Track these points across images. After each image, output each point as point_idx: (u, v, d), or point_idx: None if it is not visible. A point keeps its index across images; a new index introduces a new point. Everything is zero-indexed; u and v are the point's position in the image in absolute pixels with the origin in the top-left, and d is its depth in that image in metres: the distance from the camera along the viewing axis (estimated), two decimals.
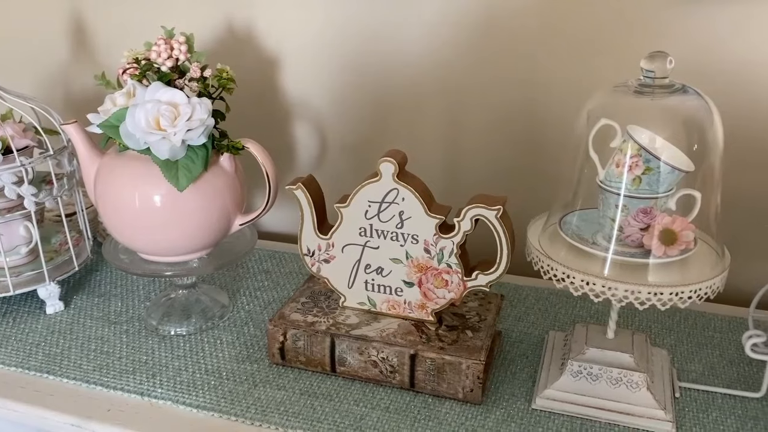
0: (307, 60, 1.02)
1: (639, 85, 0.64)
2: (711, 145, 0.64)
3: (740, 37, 0.83)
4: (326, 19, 0.98)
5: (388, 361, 0.73)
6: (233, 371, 0.77)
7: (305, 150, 1.07)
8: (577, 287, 0.64)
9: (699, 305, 0.87)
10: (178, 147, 0.72)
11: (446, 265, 0.73)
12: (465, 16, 0.92)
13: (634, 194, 0.64)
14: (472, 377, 0.70)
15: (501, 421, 0.69)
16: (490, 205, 0.70)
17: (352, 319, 0.77)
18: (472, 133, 0.98)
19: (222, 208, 0.79)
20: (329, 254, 0.77)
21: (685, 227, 0.64)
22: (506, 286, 0.94)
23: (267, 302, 0.90)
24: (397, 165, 0.71)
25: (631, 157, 0.63)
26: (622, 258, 0.65)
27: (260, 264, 1.00)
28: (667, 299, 0.62)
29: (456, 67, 0.95)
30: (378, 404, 0.71)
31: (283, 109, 1.05)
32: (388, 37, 0.96)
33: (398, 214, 0.73)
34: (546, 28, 0.90)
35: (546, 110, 0.92)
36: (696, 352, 0.80)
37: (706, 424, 0.68)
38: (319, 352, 0.75)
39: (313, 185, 0.76)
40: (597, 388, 0.70)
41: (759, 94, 0.84)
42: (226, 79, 0.79)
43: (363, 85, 1.00)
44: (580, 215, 0.71)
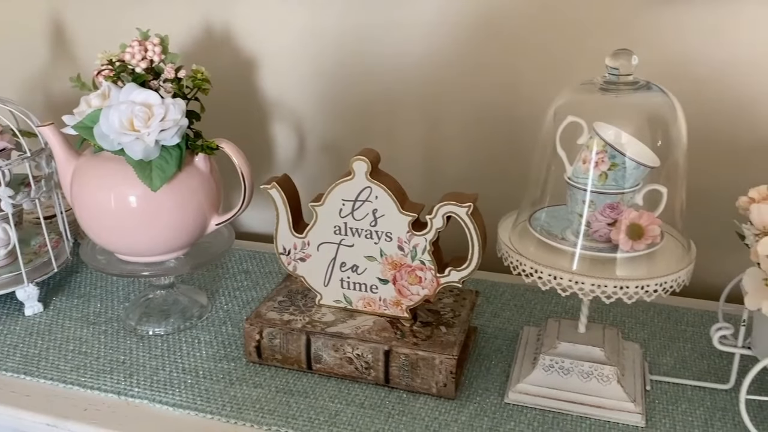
0: (285, 61, 1.02)
1: (604, 83, 0.65)
2: (675, 141, 0.65)
3: (708, 37, 0.85)
4: (304, 21, 0.99)
5: (363, 357, 0.74)
6: (210, 370, 0.77)
7: (284, 150, 1.07)
8: (545, 282, 0.65)
9: (672, 300, 0.89)
10: (152, 147, 0.73)
11: (420, 262, 0.74)
12: (443, 18, 0.93)
13: (601, 190, 0.65)
14: (445, 372, 0.71)
15: (474, 415, 0.70)
16: (461, 203, 0.71)
17: (328, 316, 0.77)
18: (449, 133, 0.99)
19: (197, 208, 0.79)
20: (305, 253, 0.77)
21: (651, 222, 0.65)
22: (483, 282, 0.95)
23: (246, 302, 0.91)
24: (370, 163, 0.72)
25: (597, 153, 0.64)
26: (591, 253, 0.66)
27: (240, 264, 1.00)
28: (633, 293, 0.63)
29: (433, 69, 0.96)
30: (353, 400, 0.72)
31: (261, 109, 1.06)
32: (366, 39, 0.97)
33: (372, 212, 0.73)
34: (521, 31, 0.91)
35: (521, 111, 0.93)
36: (668, 345, 0.81)
37: (675, 416, 0.70)
38: (294, 350, 0.76)
39: (288, 184, 0.77)
40: (568, 382, 0.71)
41: (725, 92, 0.86)
42: (201, 79, 0.79)
43: (341, 85, 1.01)
44: (549, 212, 0.72)
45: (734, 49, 0.84)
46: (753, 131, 0.87)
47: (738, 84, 0.86)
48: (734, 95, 0.86)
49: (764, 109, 0.86)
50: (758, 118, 0.86)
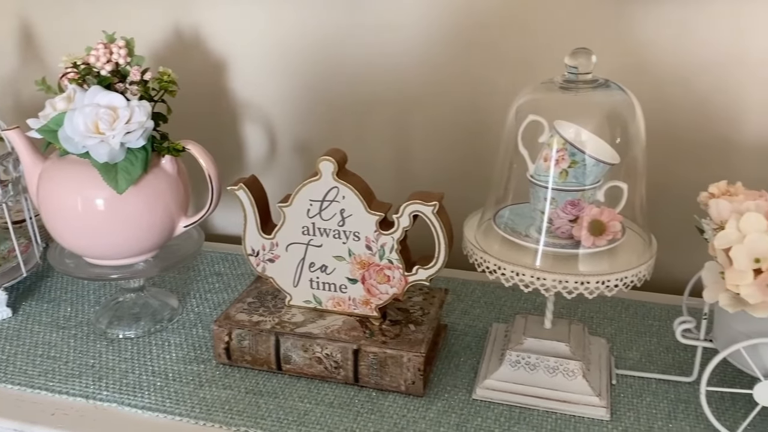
0: (255, 62, 1.02)
1: (564, 81, 0.66)
2: (634, 138, 0.66)
3: (669, 37, 0.86)
4: (274, 23, 0.99)
5: (332, 357, 0.74)
6: (180, 372, 0.77)
7: (255, 151, 1.08)
8: (507, 278, 0.66)
9: (639, 295, 0.91)
10: (117, 150, 0.72)
11: (388, 261, 0.74)
12: (411, 21, 0.94)
13: (562, 187, 0.66)
14: (413, 370, 0.72)
15: (442, 412, 0.71)
16: (427, 201, 0.71)
17: (297, 317, 0.78)
18: (418, 134, 1.00)
19: (165, 210, 0.79)
20: (273, 254, 0.77)
21: (612, 218, 0.66)
22: (454, 281, 0.95)
23: (217, 304, 0.91)
24: (337, 164, 0.72)
25: (558, 151, 0.65)
26: (554, 249, 0.67)
27: (212, 266, 1.00)
28: (593, 288, 0.64)
29: (402, 71, 0.96)
30: (322, 400, 0.72)
31: (232, 111, 1.06)
32: (336, 41, 0.98)
33: (339, 212, 0.74)
34: (488, 34, 0.91)
35: (488, 112, 0.94)
36: (635, 340, 0.83)
37: (639, 409, 0.71)
38: (264, 351, 0.76)
39: (255, 185, 0.77)
40: (535, 377, 0.71)
41: (686, 91, 0.87)
42: (168, 81, 0.79)
43: (312, 87, 1.01)
44: (513, 209, 0.73)
45: (695, 49, 0.86)
46: (714, 129, 0.89)
47: (699, 82, 0.87)
48: (696, 93, 0.88)
49: (724, 106, 0.87)
50: (718, 115, 0.88)
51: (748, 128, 0.88)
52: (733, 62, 0.85)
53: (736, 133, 0.89)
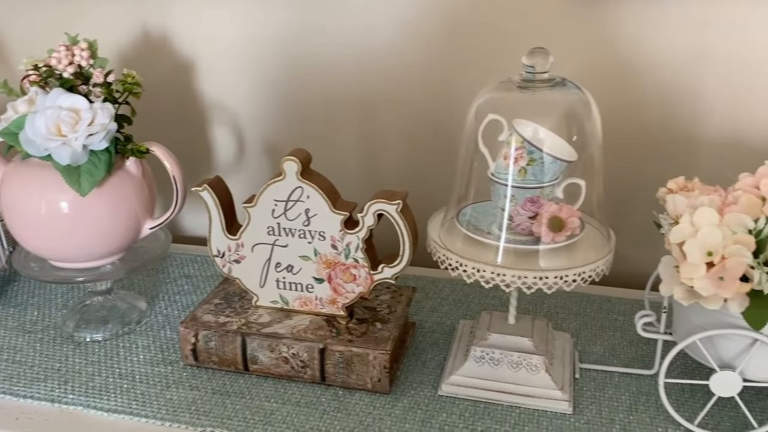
0: (223, 63, 1.02)
1: (522, 81, 0.67)
2: (590, 135, 0.67)
3: (629, 37, 0.88)
4: (241, 23, 1.00)
5: (299, 356, 0.74)
6: (147, 374, 0.77)
7: (224, 152, 1.08)
8: (469, 275, 0.67)
9: (604, 290, 0.92)
10: (80, 152, 0.72)
11: (353, 260, 0.75)
12: (382, 22, 0.94)
13: (521, 185, 0.67)
14: (379, 367, 0.72)
15: (408, 408, 0.71)
16: (391, 200, 0.72)
17: (264, 317, 0.78)
18: (386, 134, 1.00)
19: (130, 212, 0.79)
20: (239, 254, 0.78)
21: (571, 214, 0.68)
22: (424, 279, 0.96)
23: (186, 306, 0.91)
24: (301, 163, 0.73)
25: (516, 149, 0.66)
26: (514, 246, 0.68)
27: (181, 268, 1.00)
28: (552, 283, 0.65)
29: (369, 71, 0.97)
30: (289, 399, 0.73)
31: (200, 112, 1.06)
32: (303, 42, 0.98)
33: (304, 212, 0.74)
34: (454, 35, 0.92)
35: (453, 111, 0.95)
36: (599, 334, 0.84)
37: (601, 402, 0.72)
38: (230, 352, 0.76)
39: (220, 186, 0.77)
40: (499, 372, 0.72)
41: (648, 90, 0.89)
42: (132, 83, 0.79)
43: (280, 87, 1.02)
44: (476, 207, 0.74)
45: (657, 48, 0.88)
46: (676, 126, 0.90)
47: (661, 81, 0.89)
48: (658, 92, 0.89)
49: (685, 105, 0.89)
50: (680, 113, 0.90)
51: (709, 125, 0.90)
52: (695, 61, 0.87)
53: (698, 130, 0.90)
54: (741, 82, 0.87)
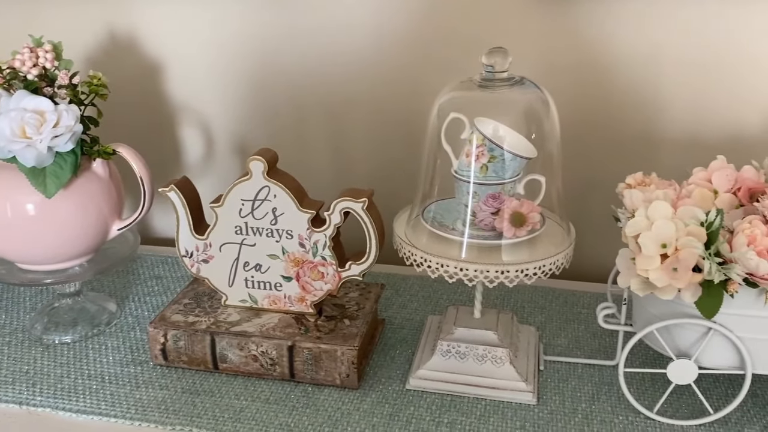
0: (192, 63, 1.03)
1: (482, 80, 0.68)
2: (549, 133, 0.69)
3: (590, 36, 0.90)
4: (209, 24, 1.00)
5: (268, 354, 0.75)
6: (116, 375, 0.77)
7: (194, 153, 1.08)
8: (433, 270, 0.68)
9: (569, 284, 0.94)
10: (45, 154, 0.72)
11: (321, 257, 0.76)
12: (349, 23, 0.95)
13: (483, 181, 0.68)
14: (347, 363, 0.73)
15: (376, 403, 0.72)
16: (357, 198, 0.73)
17: (233, 316, 0.79)
18: (355, 134, 1.02)
19: (97, 214, 0.79)
20: (207, 254, 0.78)
21: (532, 210, 0.69)
22: (394, 276, 0.97)
23: (156, 307, 0.91)
24: (267, 163, 0.73)
25: (477, 147, 0.68)
26: (478, 241, 0.70)
27: (152, 269, 1.00)
28: (513, 276, 0.67)
29: (340, 71, 0.98)
30: (258, 396, 0.73)
31: (169, 113, 1.06)
32: (271, 42, 0.99)
33: (271, 211, 0.75)
34: (419, 35, 0.94)
35: (420, 111, 0.96)
36: (564, 327, 0.86)
37: (565, 393, 0.74)
38: (200, 351, 0.77)
39: (187, 187, 0.77)
40: (465, 366, 0.74)
41: (609, 88, 0.91)
42: (98, 85, 0.79)
43: (249, 88, 1.02)
44: (440, 204, 0.75)
45: (613, 48, 0.90)
46: (636, 123, 0.93)
47: (621, 80, 0.91)
48: (618, 90, 0.92)
49: (645, 102, 0.92)
50: (639, 110, 0.92)
51: (668, 122, 0.92)
52: (653, 60, 0.89)
53: (657, 127, 0.93)
54: (697, 80, 0.89)
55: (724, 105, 0.90)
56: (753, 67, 0.87)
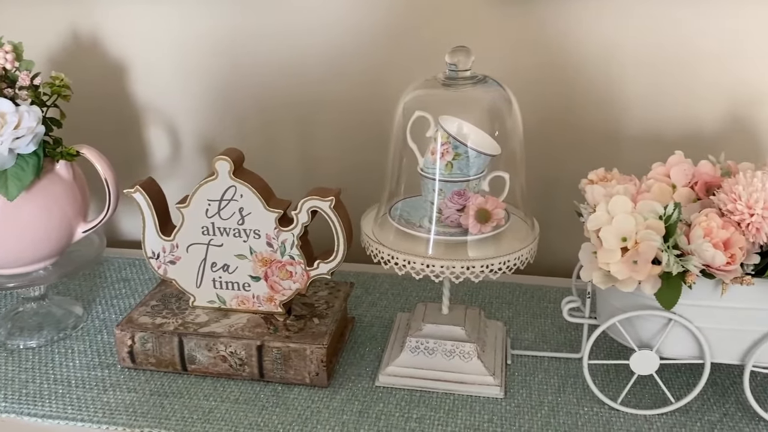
0: (158, 63, 1.02)
1: (445, 78, 0.69)
2: (511, 130, 0.70)
3: (554, 36, 0.91)
4: (174, 23, 0.99)
5: (237, 354, 0.75)
6: (83, 378, 0.76)
7: (161, 154, 1.07)
8: (400, 267, 0.69)
9: (537, 279, 0.95)
10: (6, 156, 0.71)
11: (289, 257, 0.76)
12: (316, 23, 0.96)
13: (448, 178, 0.69)
14: (316, 362, 0.74)
15: (345, 400, 0.73)
16: (324, 197, 0.73)
17: (201, 317, 0.78)
18: (323, 133, 1.02)
19: (61, 216, 0.78)
20: (174, 255, 0.78)
21: (496, 206, 0.70)
22: (364, 274, 0.98)
23: (123, 309, 0.90)
24: (233, 163, 0.73)
25: (442, 144, 0.68)
26: (444, 238, 0.71)
27: (119, 272, 0.99)
28: (479, 272, 0.67)
29: (308, 70, 0.98)
30: (228, 397, 0.73)
31: (135, 113, 1.05)
32: (237, 42, 0.99)
33: (238, 211, 0.75)
34: (385, 35, 0.94)
35: (387, 110, 0.96)
36: (531, 322, 0.87)
37: (531, 386, 0.75)
38: (168, 353, 0.76)
39: (152, 188, 0.77)
40: (433, 361, 0.75)
41: (569, 87, 0.93)
42: (60, 86, 0.79)
43: (215, 87, 1.02)
44: (407, 202, 0.76)
45: (575, 47, 0.91)
46: (599, 121, 0.95)
47: (584, 78, 0.93)
48: (581, 89, 0.93)
49: (607, 100, 0.93)
50: (603, 108, 0.94)
51: (629, 119, 0.94)
52: (614, 58, 0.91)
53: (619, 124, 0.95)
54: (655, 78, 0.91)
55: (681, 102, 0.92)
56: (708, 64, 0.90)
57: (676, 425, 0.69)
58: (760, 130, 0.91)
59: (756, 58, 0.89)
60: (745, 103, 0.91)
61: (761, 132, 0.91)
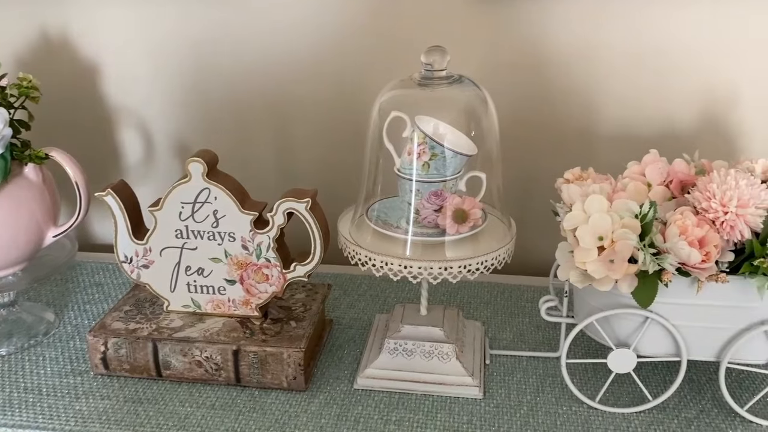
0: (129, 63, 1.00)
1: (421, 78, 0.69)
2: (487, 130, 0.70)
3: (528, 35, 0.91)
4: (144, 23, 0.98)
5: (212, 359, 0.74)
6: (54, 386, 0.75)
7: (134, 155, 1.05)
8: (378, 268, 0.68)
9: (514, 279, 0.95)
10: None
11: (265, 259, 0.75)
12: (291, 22, 0.95)
13: (425, 179, 0.69)
14: (294, 365, 0.73)
15: (323, 404, 0.72)
16: (300, 198, 0.73)
17: (176, 322, 0.77)
18: (299, 133, 1.01)
19: (31, 221, 0.76)
20: (148, 259, 0.76)
21: (473, 206, 0.70)
22: (341, 276, 0.97)
23: (97, 315, 0.89)
24: (206, 164, 0.72)
25: (419, 144, 0.68)
26: (422, 238, 0.70)
27: (92, 277, 0.97)
28: (456, 272, 0.67)
29: (282, 70, 0.97)
30: (204, 403, 0.72)
31: (107, 114, 1.03)
32: (212, 41, 0.97)
33: (212, 213, 0.74)
34: (362, 34, 0.94)
35: (364, 110, 0.96)
36: (508, 321, 0.87)
37: (510, 386, 0.75)
38: (142, 358, 0.75)
39: (124, 191, 0.75)
40: (412, 363, 0.74)
41: (543, 87, 0.93)
42: (28, 87, 0.77)
43: (188, 87, 1.00)
44: (384, 203, 0.75)
45: (550, 47, 0.92)
46: (574, 120, 0.95)
47: (559, 78, 0.93)
48: (556, 89, 0.93)
49: (582, 99, 0.94)
50: (578, 108, 0.94)
51: (603, 118, 0.95)
52: (588, 58, 0.92)
53: (593, 123, 0.95)
54: (630, 77, 0.92)
55: (655, 101, 0.92)
56: (681, 64, 0.90)
57: (654, 423, 0.69)
58: (732, 129, 0.92)
59: (729, 58, 0.90)
60: (718, 103, 0.92)
61: (734, 131, 0.92)
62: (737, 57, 0.89)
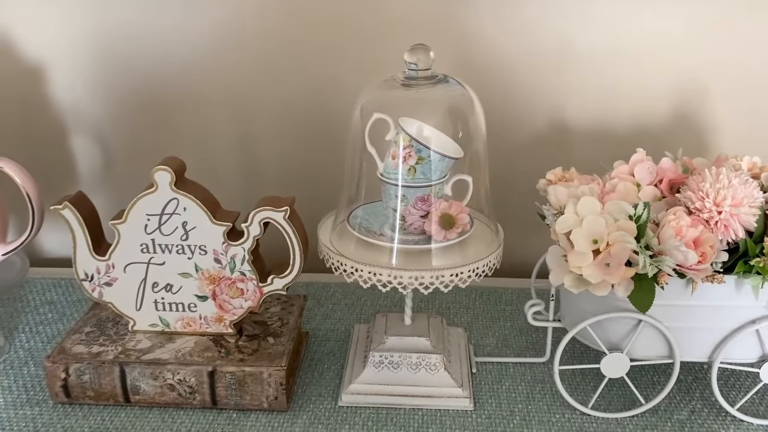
0: (76, 65, 0.93)
1: (405, 78, 0.65)
2: (474, 131, 0.67)
3: (512, 34, 0.89)
4: (93, 21, 0.91)
5: (186, 382, 0.69)
6: (9, 419, 0.68)
7: (88, 164, 0.98)
8: (365, 280, 0.65)
9: (491, 281, 0.93)
10: None
11: (240, 273, 0.70)
12: (250, 20, 0.90)
13: (411, 184, 0.66)
14: (275, 385, 0.68)
15: (308, 424, 0.68)
16: (278, 207, 0.68)
17: (144, 343, 0.71)
18: (263, 134, 0.96)
19: None
20: (110, 276, 0.71)
21: (460, 211, 0.67)
22: (314, 285, 0.93)
23: (51, 336, 0.82)
24: (174, 173, 0.67)
25: (404, 148, 0.65)
26: (408, 246, 0.67)
27: (43, 294, 0.90)
28: (448, 281, 0.64)
29: (241, 70, 0.92)
30: (178, 429, 0.67)
31: (56, 121, 0.96)
32: (165, 40, 0.91)
33: (182, 225, 0.69)
34: (330, 31, 0.90)
35: (334, 110, 0.92)
36: (490, 326, 0.85)
37: (500, 394, 0.72)
38: (108, 384, 0.69)
39: (83, 203, 0.69)
40: (399, 376, 0.71)
41: (514, 85, 0.91)
42: None
43: (142, 89, 0.94)
44: (367, 208, 0.72)
45: (528, 47, 0.90)
46: (549, 119, 0.93)
47: (536, 77, 0.91)
48: (529, 88, 0.92)
49: (558, 97, 0.92)
50: (552, 106, 0.93)
51: (579, 117, 0.93)
52: (562, 56, 0.90)
53: (570, 121, 0.94)
54: (606, 74, 0.91)
55: (631, 97, 0.92)
56: (656, 59, 0.90)
57: (648, 426, 0.68)
58: (704, 125, 0.93)
59: (699, 54, 0.90)
60: (689, 100, 0.92)
61: (706, 127, 0.93)
62: (707, 53, 0.90)
